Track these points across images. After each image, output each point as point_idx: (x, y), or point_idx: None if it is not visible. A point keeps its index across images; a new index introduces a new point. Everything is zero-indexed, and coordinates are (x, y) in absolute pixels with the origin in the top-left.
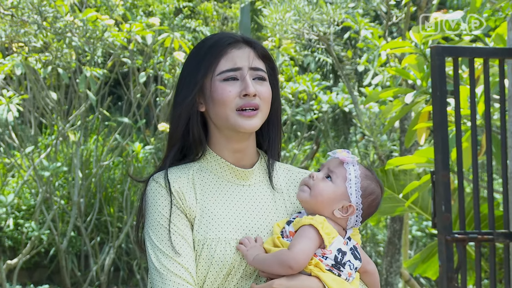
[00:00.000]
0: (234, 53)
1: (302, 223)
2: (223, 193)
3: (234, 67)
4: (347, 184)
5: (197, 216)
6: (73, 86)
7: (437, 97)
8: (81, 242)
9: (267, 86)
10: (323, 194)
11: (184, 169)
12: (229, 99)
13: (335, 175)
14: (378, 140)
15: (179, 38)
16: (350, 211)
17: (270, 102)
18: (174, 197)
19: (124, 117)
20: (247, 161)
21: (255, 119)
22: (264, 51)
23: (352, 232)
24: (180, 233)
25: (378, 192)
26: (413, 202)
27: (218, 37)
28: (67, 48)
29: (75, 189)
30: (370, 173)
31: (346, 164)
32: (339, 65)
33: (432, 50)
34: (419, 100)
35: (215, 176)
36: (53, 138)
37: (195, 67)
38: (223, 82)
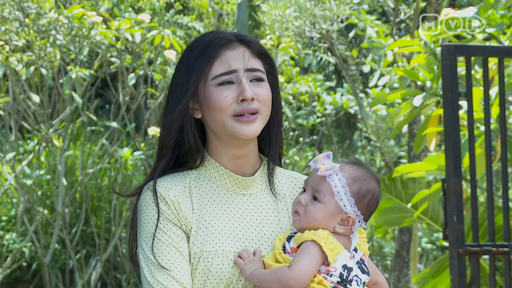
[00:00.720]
0: (228, 54)
1: (304, 238)
2: (221, 203)
3: (228, 70)
4: (337, 198)
5: (194, 227)
6: (57, 88)
7: (449, 100)
8: (66, 256)
9: (266, 87)
10: (316, 218)
11: (181, 177)
12: (225, 105)
13: (322, 194)
14: (385, 146)
15: (170, 35)
16: (351, 222)
17: (270, 103)
18: (169, 207)
19: (112, 121)
20: (248, 167)
21: (255, 124)
22: (261, 49)
23: (357, 239)
24: (175, 245)
25: (373, 187)
26: (422, 213)
27: (210, 37)
28: (51, 47)
29: (59, 199)
30: (358, 170)
31: (328, 177)
32: (343, 65)
33: (443, 49)
34: (429, 103)
35: (214, 185)
36: (36, 144)
37: (186, 71)
38: (218, 87)
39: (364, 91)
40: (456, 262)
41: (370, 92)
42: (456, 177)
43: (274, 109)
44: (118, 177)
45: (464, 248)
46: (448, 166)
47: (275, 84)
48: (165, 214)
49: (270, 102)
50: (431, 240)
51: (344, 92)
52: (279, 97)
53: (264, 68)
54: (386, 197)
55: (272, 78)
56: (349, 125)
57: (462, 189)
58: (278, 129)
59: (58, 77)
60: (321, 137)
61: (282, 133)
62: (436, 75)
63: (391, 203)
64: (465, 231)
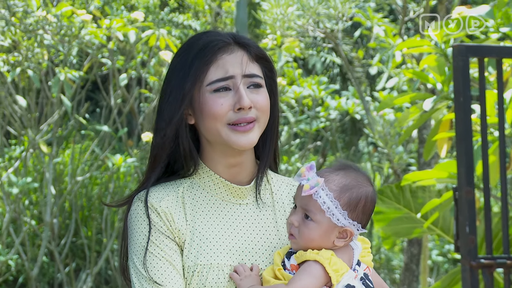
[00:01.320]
0: (225, 59)
1: (306, 257)
2: (216, 213)
3: (225, 76)
4: (328, 214)
5: (187, 240)
6: (45, 91)
7: (460, 103)
8: (54, 269)
9: (264, 93)
10: (312, 238)
11: (173, 186)
12: (220, 113)
13: (312, 213)
14: (393, 152)
15: (165, 35)
16: (348, 234)
17: (269, 110)
18: (161, 218)
19: (103, 125)
20: (245, 176)
21: (251, 133)
22: (260, 52)
23: (360, 250)
24: (168, 259)
25: (364, 192)
26: (433, 223)
27: (206, 40)
28: (38, 48)
29: (48, 208)
30: (345, 178)
31: (315, 195)
32: (348, 66)
33: (454, 49)
34: (439, 107)
35: (208, 194)
36: (22, 150)
37: (182, 76)
38: (214, 93)
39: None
40: (468, 275)
41: (377, 96)
42: (468, 185)
43: (272, 114)
44: (109, 185)
45: (477, 261)
46: (460, 174)
47: (273, 88)
48: (157, 226)
49: (269, 109)
50: (442, 252)
51: (349, 95)
52: (277, 102)
53: (262, 73)
54: (394, 206)
55: (271, 82)
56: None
57: (475, 198)
58: (275, 135)
59: (46, 79)
60: (325, 143)
61: (278, 139)
62: (447, 77)
63: (400, 213)
64: (478, 243)
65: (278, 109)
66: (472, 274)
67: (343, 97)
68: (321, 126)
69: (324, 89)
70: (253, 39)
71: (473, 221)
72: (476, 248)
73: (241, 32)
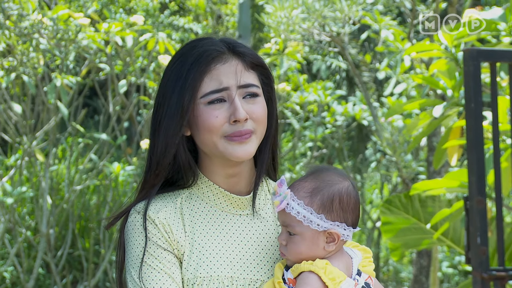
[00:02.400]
0: (219, 69)
1: (301, 269)
2: (216, 224)
3: (219, 87)
4: (306, 223)
5: (186, 252)
6: (41, 97)
7: (472, 110)
8: (51, 281)
9: (261, 103)
10: (301, 252)
11: (171, 197)
12: (216, 126)
13: (291, 227)
14: (401, 160)
15: (165, 39)
16: (336, 236)
17: (266, 120)
18: (159, 230)
19: (102, 133)
20: (244, 186)
21: (248, 144)
22: (255, 59)
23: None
24: (167, 272)
25: (336, 189)
26: (443, 234)
27: (200, 49)
28: (34, 52)
29: (44, 218)
30: (313, 181)
31: (287, 208)
32: (355, 71)
33: (465, 54)
34: (450, 113)
35: (207, 205)
36: (18, 158)
37: (179, 89)
38: (209, 105)
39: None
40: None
41: (385, 101)
42: (479, 194)
43: (269, 122)
44: (107, 194)
45: (489, 273)
46: (471, 183)
47: (271, 96)
48: (154, 238)
49: (266, 119)
50: (452, 264)
51: (356, 101)
52: (275, 109)
53: (259, 81)
54: (402, 216)
55: (268, 89)
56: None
57: (487, 208)
58: (272, 143)
59: (41, 84)
60: (331, 151)
61: (277, 147)
62: (457, 83)
63: (408, 223)
64: (490, 254)
65: (276, 116)
66: (484, 287)
67: (350, 103)
68: (327, 132)
69: (330, 95)
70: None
71: (484, 231)
72: (488, 260)
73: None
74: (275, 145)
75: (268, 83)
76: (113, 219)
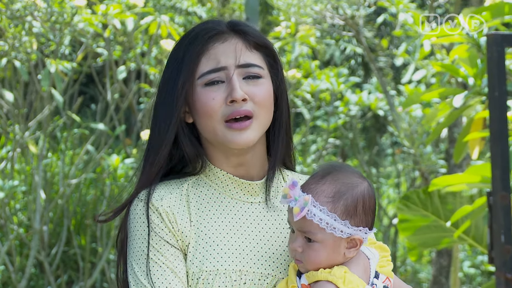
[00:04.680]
0: (217, 48)
1: (318, 278)
2: (225, 213)
3: (216, 66)
4: (329, 230)
5: (191, 243)
6: (34, 84)
7: (495, 99)
8: (44, 281)
9: (264, 84)
10: (320, 260)
11: (177, 183)
12: (213, 108)
13: (313, 234)
14: (420, 153)
15: (167, 22)
16: (358, 242)
17: (270, 103)
18: (162, 219)
19: (99, 122)
20: (255, 173)
21: (248, 131)
22: (259, 39)
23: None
24: (169, 266)
25: (359, 192)
26: (464, 232)
27: (198, 29)
28: (26, 36)
29: (37, 214)
30: (333, 184)
31: (308, 215)
32: (371, 56)
33: (488, 39)
34: (472, 103)
35: (216, 191)
36: (9, 150)
37: (175, 71)
38: (206, 87)
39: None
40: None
41: (402, 89)
42: (504, 190)
43: (279, 107)
44: (105, 189)
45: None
46: (495, 177)
47: (279, 80)
48: (157, 228)
49: (270, 102)
50: (474, 263)
51: (371, 89)
52: (284, 93)
53: (264, 62)
54: (421, 213)
55: (276, 73)
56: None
57: (511, 204)
58: (285, 130)
59: (35, 71)
60: (345, 142)
61: (291, 134)
62: (480, 70)
63: (427, 220)
64: None
65: (286, 101)
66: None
67: (365, 91)
68: (340, 122)
69: (344, 82)
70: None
71: (508, 229)
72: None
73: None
74: (288, 131)
75: (275, 66)
76: (112, 214)
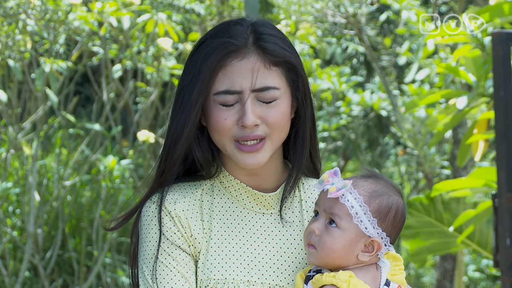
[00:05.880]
0: (234, 66)
1: (323, 282)
2: (236, 222)
3: (231, 89)
4: (356, 220)
5: (203, 250)
6: (28, 84)
7: (501, 98)
8: (39, 285)
9: (279, 106)
10: (335, 249)
11: (191, 188)
12: (224, 128)
13: (338, 218)
14: (424, 154)
15: (164, 20)
16: (376, 246)
17: (284, 123)
18: (174, 223)
19: (94, 123)
20: (270, 183)
21: (260, 153)
22: (280, 55)
23: (389, 268)
24: (180, 270)
25: (395, 201)
26: (468, 237)
27: (219, 41)
28: (20, 34)
29: (31, 217)
30: (375, 183)
31: (342, 198)
32: (373, 55)
33: (493, 37)
34: (476, 104)
35: (229, 200)
36: (2, 151)
37: (193, 79)
38: (220, 106)
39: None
40: None
41: (405, 89)
42: (509, 191)
43: (302, 122)
44: (101, 191)
45: None
46: (500, 179)
47: (302, 94)
48: (169, 232)
49: (284, 122)
50: (479, 267)
51: (374, 88)
52: (309, 107)
53: (283, 79)
54: (424, 220)
55: (298, 87)
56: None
57: None
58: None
59: (29, 70)
60: (346, 143)
61: (315, 145)
62: (484, 71)
63: (431, 227)
64: None
65: (310, 115)
66: None
67: (367, 90)
68: (341, 123)
69: (346, 82)
70: None
71: None
72: None
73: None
74: (314, 143)
75: (297, 81)
76: (122, 219)
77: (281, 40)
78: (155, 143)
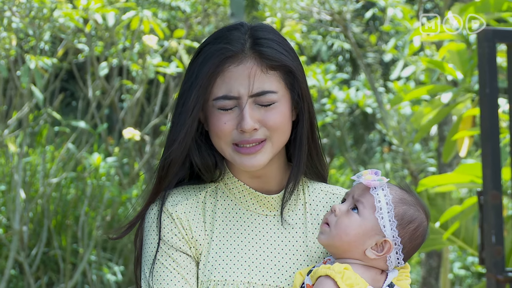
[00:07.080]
0: (231, 72)
1: (319, 273)
2: (238, 224)
3: (229, 95)
4: (377, 214)
5: (204, 252)
6: (14, 81)
7: (486, 96)
8: (24, 283)
9: (277, 108)
10: (348, 232)
11: (195, 190)
12: (224, 132)
13: (362, 205)
14: (409, 151)
15: (150, 17)
16: (386, 248)
17: (284, 125)
18: (176, 225)
19: (80, 120)
20: (274, 184)
21: (259, 154)
22: (277, 59)
23: (396, 274)
24: (180, 272)
25: (420, 218)
26: (454, 233)
27: (216, 47)
28: (5, 32)
29: (17, 214)
30: (408, 195)
31: (372, 189)
32: (358, 52)
33: (479, 34)
34: (462, 100)
35: (232, 202)
36: None
37: (189, 88)
38: (219, 110)
39: (384, 84)
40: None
41: (391, 86)
42: (495, 188)
43: (300, 124)
44: (86, 188)
45: (504, 275)
46: (486, 176)
47: (300, 97)
48: (170, 234)
49: (284, 124)
50: (465, 265)
51: (359, 85)
52: (308, 109)
53: (280, 83)
54: None
55: (295, 89)
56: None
57: (502, 203)
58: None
59: (14, 67)
60: (332, 140)
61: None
62: (469, 67)
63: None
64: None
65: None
66: None
67: (352, 88)
68: (327, 120)
69: (331, 79)
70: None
71: (500, 229)
72: (503, 260)
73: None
74: (315, 144)
75: (295, 84)
76: (127, 227)
77: (279, 44)
78: (141, 140)
